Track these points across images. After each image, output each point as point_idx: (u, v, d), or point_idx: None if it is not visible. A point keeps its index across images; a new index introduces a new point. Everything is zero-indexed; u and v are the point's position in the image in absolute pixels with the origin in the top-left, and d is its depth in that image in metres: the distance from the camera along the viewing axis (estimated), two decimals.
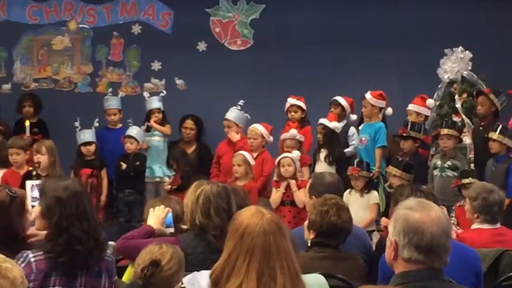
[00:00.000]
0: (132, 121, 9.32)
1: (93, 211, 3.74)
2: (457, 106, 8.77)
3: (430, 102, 8.64)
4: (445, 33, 9.55)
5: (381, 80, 9.34)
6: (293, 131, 8.22)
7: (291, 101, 8.90)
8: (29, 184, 6.41)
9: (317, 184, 5.50)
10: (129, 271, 4.16)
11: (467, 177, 7.08)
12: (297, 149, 8.07)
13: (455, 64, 8.94)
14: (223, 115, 8.83)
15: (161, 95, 9.61)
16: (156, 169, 9.10)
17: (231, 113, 8.80)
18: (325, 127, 8.39)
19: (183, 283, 3.49)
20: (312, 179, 5.82)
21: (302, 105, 8.85)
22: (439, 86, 9.10)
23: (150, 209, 4.57)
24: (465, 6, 9.67)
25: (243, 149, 8.19)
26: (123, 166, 8.70)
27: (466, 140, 8.35)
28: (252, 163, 7.95)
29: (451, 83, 9.00)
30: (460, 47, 8.94)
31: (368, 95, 8.50)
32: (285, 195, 7.70)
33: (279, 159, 7.86)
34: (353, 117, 8.92)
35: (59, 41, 10.48)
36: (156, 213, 4.49)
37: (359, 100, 8.70)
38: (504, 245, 4.91)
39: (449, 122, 8.01)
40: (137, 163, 8.76)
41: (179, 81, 10.41)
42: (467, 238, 5.08)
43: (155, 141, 9.22)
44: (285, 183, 7.72)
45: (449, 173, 7.68)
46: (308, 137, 8.67)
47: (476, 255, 4.36)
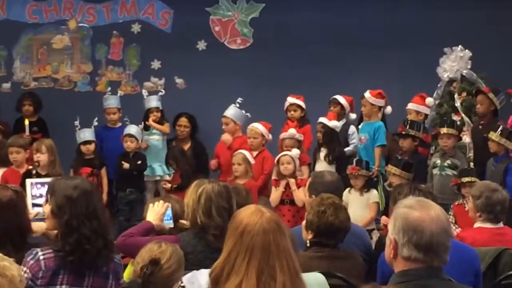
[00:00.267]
0: (128, 120, 9.33)
1: (103, 210, 3.74)
2: (456, 105, 8.78)
3: (429, 100, 8.65)
4: (445, 32, 9.55)
5: (381, 79, 9.34)
6: (292, 131, 8.22)
7: (290, 100, 8.90)
8: (29, 182, 6.40)
9: (316, 183, 5.49)
10: (129, 270, 4.16)
11: (467, 176, 7.09)
12: (297, 148, 8.08)
13: (454, 63, 8.94)
14: (222, 114, 8.83)
15: (160, 94, 9.63)
16: (156, 167, 9.10)
17: (229, 111, 8.82)
18: (324, 126, 8.39)
19: (182, 282, 3.49)
20: (311, 178, 5.81)
21: (301, 104, 8.85)
22: (438, 85, 9.11)
23: (149, 205, 4.57)
24: (465, 5, 9.67)
25: (241, 148, 8.20)
26: (126, 165, 8.69)
27: (465, 139, 8.36)
28: (252, 161, 7.97)
29: (451, 82, 9.01)
30: (459, 46, 8.94)
31: (367, 94, 8.50)
32: (285, 194, 7.71)
33: (278, 157, 7.87)
34: (353, 116, 8.92)
35: (58, 40, 10.48)
36: (155, 208, 4.48)
37: (359, 99, 8.70)
38: (504, 244, 4.91)
39: (449, 121, 8.01)
40: (139, 162, 8.77)
41: (178, 80, 10.40)
42: (468, 236, 5.09)
43: (154, 140, 9.22)
44: (284, 181, 7.73)
45: (449, 172, 7.68)
46: (308, 136, 8.68)
47: (475, 254, 4.36)
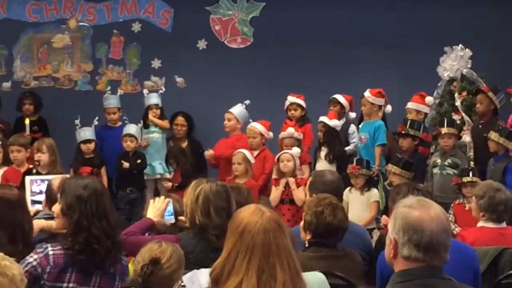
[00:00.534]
0: (128, 119, 9.33)
1: (112, 211, 3.74)
2: (457, 104, 8.78)
3: (429, 99, 8.64)
4: (445, 31, 9.55)
5: (381, 78, 9.34)
6: (291, 130, 8.22)
7: (290, 99, 8.89)
8: (28, 179, 6.38)
9: (317, 182, 5.49)
10: (129, 269, 4.16)
11: (468, 176, 7.09)
12: (297, 146, 8.07)
13: (455, 62, 8.94)
14: (223, 113, 8.84)
15: (160, 92, 9.65)
16: (156, 166, 9.10)
17: (235, 109, 8.80)
18: (325, 125, 8.39)
19: (183, 281, 3.49)
20: (312, 177, 5.82)
21: (301, 103, 8.85)
22: (439, 84, 9.10)
23: (150, 201, 4.57)
24: (465, 4, 9.67)
25: (237, 143, 8.21)
26: (125, 164, 8.70)
27: (465, 138, 8.36)
28: (252, 161, 7.97)
29: (451, 81, 9.00)
30: (460, 45, 8.94)
31: (367, 93, 8.50)
32: (284, 193, 7.72)
33: (278, 155, 7.88)
34: (352, 115, 8.92)
35: (59, 39, 10.48)
36: (156, 204, 4.47)
37: (359, 98, 8.70)
38: (505, 244, 4.91)
39: (448, 120, 8.01)
40: (138, 161, 8.78)
41: (179, 79, 10.40)
42: (469, 236, 5.10)
43: (154, 137, 9.23)
44: (284, 181, 7.73)
45: (450, 171, 7.68)
46: (308, 135, 8.68)
47: (474, 253, 4.37)
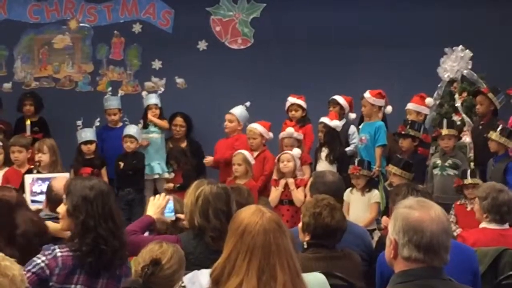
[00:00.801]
0: (128, 120, 9.33)
1: (118, 211, 3.74)
2: (457, 105, 8.78)
3: (429, 101, 8.65)
4: (445, 32, 9.56)
5: (382, 79, 9.35)
6: (290, 129, 8.22)
7: (291, 100, 8.90)
8: (28, 178, 6.37)
9: (318, 183, 5.47)
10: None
11: (470, 178, 7.08)
12: (297, 147, 8.08)
13: (455, 63, 8.93)
14: (223, 114, 8.84)
15: (159, 92, 9.66)
16: (155, 166, 9.09)
17: (236, 109, 8.80)
18: (326, 125, 8.39)
19: (183, 282, 3.49)
20: (313, 178, 5.81)
21: (302, 104, 8.85)
22: (439, 85, 9.10)
23: (150, 198, 4.56)
24: (465, 5, 9.67)
25: (237, 143, 8.21)
26: (121, 165, 8.72)
27: (466, 139, 8.36)
28: (252, 162, 7.97)
29: (451, 82, 9.00)
30: (460, 46, 8.93)
31: (367, 94, 8.51)
32: (283, 194, 7.71)
33: (279, 156, 7.88)
34: (352, 116, 8.93)
35: (59, 40, 10.49)
36: (156, 202, 4.47)
37: (359, 99, 8.71)
38: (506, 246, 4.91)
39: (448, 121, 8.01)
40: (134, 161, 8.78)
41: (179, 80, 10.41)
42: (470, 236, 5.10)
43: (153, 138, 9.22)
44: (283, 181, 7.73)
45: (450, 172, 7.68)
46: (309, 135, 8.68)
47: (473, 254, 4.37)
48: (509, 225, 5.21)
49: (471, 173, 7.13)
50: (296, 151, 7.92)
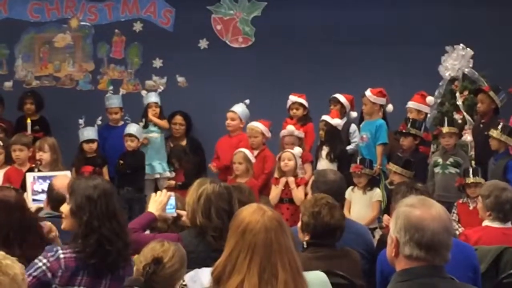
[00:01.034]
0: (129, 119, 9.33)
1: (121, 211, 3.72)
2: (458, 103, 8.77)
3: (430, 99, 8.64)
4: (447, 30, 9.54)
5: (383, 77, 9.34)
6: (291, 127, 8.21)
7: (292, 98, 8.88)
8: (30, 176, 6.36)
9: (319, 181, 5.45)
10: None
11: (473, 176, 7.07)
12: (298, 145, 8.07)
13: (456, 61, 8.93)
14: (224, 112, 8.83)
15: (158, 91, 9.66)
16: (156, 165, 9.09)
17: (238, 108, 8.78)
18: (327, 123, 8.38)
19: (184, 281, 3.50)
20: (314, 176, 5.79)
21: (303, 102, 8.83)
22: (440, 83, 9.10)
23: (152, 195, 4.55)
24: (467, 3, 9.66)
25: (240, 144, 8.21)
26: (121, 163, 8.72)
27: (467, 137, 8.36)
28: (252, 160, 7.97)
29: (453, 80, 8.99)
30: (461, 45, 8.94)
31: (368, 93, 8.50)
32: (284, 192, 7.70)
33: (280, 154, 7.87)
34: (353, 114, 8.92)
35: (60, 38, 10.49)
36: (157, 198, 4.46)
37: (360, 97, 8.70)
38: (509, 244, 4.92)
39: (449, 119, 8.01)
40: (134, 160, 8.78)
41: (180, 79, 10.41)
42: (472, 235, 5.10)
43: (153, 137, 9.22)
44: (284, 180, 7.72)
45: (452, 170, 7.67)
46: (310, 134, 8.67)
47: (473, 251, 4.38)
48: None
49: (473, 172, 7.11)
50: (297, 150, 7.92)
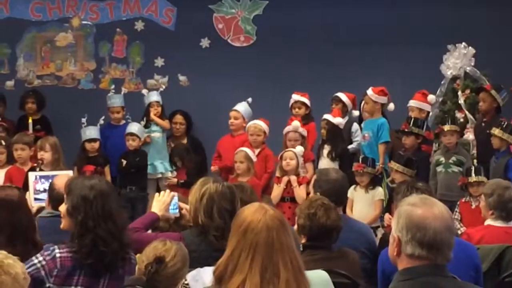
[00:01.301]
0: (130, 118, 9.33)
1: (119, 212, 3.71)
2: (460, 102, 8.77)
3: (431, 98, 8.62)
4: (448, 29, 9.53)
5: (385, 76, 9.34)
6: (296, 123, 8.20)
7: (295, 97, 8.87)
8: (32, 175, 6.35)
9: (321, 180, 5.41)
10: None
11: (474, 175, 7.07)
12: (300, 144, 8.07)
13: (458, 60, 8.93)
14: (226, 111, 8.83)
15: (160, 90, 9.67)
16: (158, 165, 9.09)
17: (241, 106, 8.77)
18: (329, 122, 8.38)
19: (186, 280, 3.50)
20: (317, 175, 5.76)
21: (306, 101, 8.82)
22: (442, 82, 9.09)
23: (155, 195, 4.55)
24: (468, 2, 9.65)
25: (243, 145, 8.20)
26: (123, 163, 8.71)
27: (469, 136, 8.35)
28: (254, 159, 7.95)
29: (454, 79, 8.99)
30: (463, 43, 8.93)
31: (369, 91, 8.50)
32: (285, 191, 7.69)
33: (282, 153, 7.86)
34: (355, 113, 8.93)
35: (62, 37, 10.49)
36: (160, 198, 4.46)
37: (362, 96, 8.70)
38: (510, 243, 4.92)
39: (450, 118, 8.00)
40: (137, 159, 8.78)
41: (182, 78, 10.41)
42: (475, 234, 5.10)
43: (155, 137, 9.22)
44: (286, 178, 7.72)
45: (455, 169, 7.66)
46: (312, 133, 8.66)
47: (474, 250, 4.38)
48: None
49: (475, 171, 7.10)
50: (299, 149, 7.91)
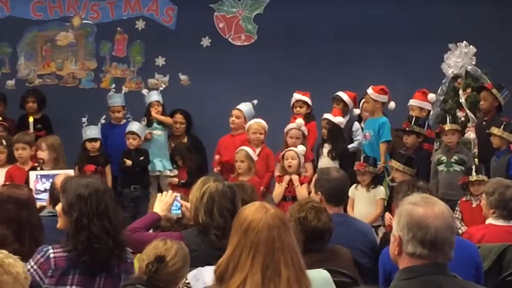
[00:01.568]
0: (131, 117, 9.33)
1: (115, 210, 3.70)
2: (461, 101, 8.76)
3: (431, 96, 8.62)
4: (449, 28, 9.53)
5: (385, 75, 9.34)
6: (300, 120, 8.20)
7: (296, 96, 8.86)
8: (33, 175, 6.35)
9: (323, 179, 5.40)
10: (134, 265, 4.17)
11: (475, 174, 7.06)
12: (301, 142, 8.06)
13: (459, 58, 8.93)
14: (227, 110, 8.82)
15: (160, 89, 9.67)
16: (156, 163, 9.08)
17: (244, 106, 8.75)
18: (329, 122, 8.37)
19: (187, 279, 3.50)
20: (318, 174, 5.76)
21: (307, 100, 8.81)
22: (443, 81, 9.09)
23: (157, 195, 4.56)
24: (469, 0, 9.66)
25: (243, 145, 8.20)
26: (128, 162, 8.69)
27: (470, 135, 8.35)
28: (255, 158, 7.94)
29: (455, 78, 8.99)
30: (464, 42, 8.93)
31: (370, 90, 8.49)
32: (287, 190, 7.68)
33: (283, 153, 7.85)
34: (357, 112, 8.92)
35: (63, 37, 10.49)
36: (163, 198, 4.46)
37: (363, 95, 8.70)
38: (511, 242, 4.92)
39: (451, 117, 8.00)
40: (141, 158, 8.78)
41: (183, 77, 10.41)
42: (476, 233, 5.10)
43: (156, 135, 9.21)
44: (287, 177, 7.71)
45: (457, 168, 7.64)
46: (313, 132, 8.66)
47: (475, 249, 4.38)
48: None
49: (476, 170, 7.10)
50: (300, 148, 7.90)
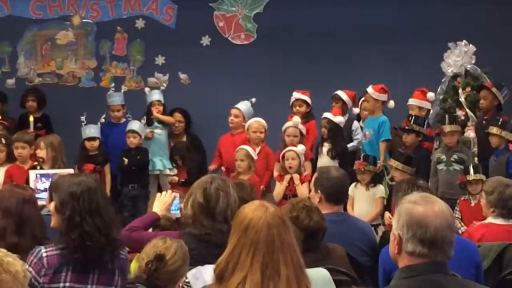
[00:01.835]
0: (131, 116, 9.33)
1: (108, 208, 3.71)
2: (461, 100, 8.76)
3: (430, 95, 8.62)
4: (449, 27, 9.53)
5: (385, 74, 9.33)
6: (297, 119, 8.20)
7: (296, 95, 8.86)
8: (33, 174, 6.35)
9: (322, 178, 5.39)
10: (134, 265, 4.17)
11: (473, 173, 7.06)
12: (299, 141, 8.06)
13: (458, 57, 8.92)
14: (227, 109, 8.83)
15: (161, 88, 9.66)
16: (156, 162, 9.08)
17: (243, 105, 8.75)
18: (329, 121, 8.37)
19: (187, 278, 3.50)
20: (318, 173, 5.76)
21: (307, 99, 8.81)
22: (443, 80, 9.08)
23: (157, 195, 4.56)
24: (469, 0, 9.65)
25: (244, 144, 8.20)
26: (125, 161, 8.71)
27: (470, 134, 8.34)
28: (255, 157, 7.94)
29: (455, 76, 8.98)
30: (464, 41, 8.92)
31: (370, 89, 8.49)
32: (288, 189, 7.69)
33: (283, 152, 7.85)
34: (356, 110, 8.93)
35: (63, 35, 10.48)
36: (162, 198, 4.46)
37: (363, 94, 8.70)
38: (511, 241, 4.92)
39: (451, 117, 8.00)
40: (138, 157, 8.77)
41: (182, 76, 10.41)
42: (476, 232, 5.10)
43: (157, 134, 9.21)
44: (288, 176, 7.71)
45: (456, 167, 7.64)
46: (312, 131, 8.66)
47: (475, 247, 4.38)
48: None
49: (474, 169, 7.10)
50: (300, 148, 7.90)
